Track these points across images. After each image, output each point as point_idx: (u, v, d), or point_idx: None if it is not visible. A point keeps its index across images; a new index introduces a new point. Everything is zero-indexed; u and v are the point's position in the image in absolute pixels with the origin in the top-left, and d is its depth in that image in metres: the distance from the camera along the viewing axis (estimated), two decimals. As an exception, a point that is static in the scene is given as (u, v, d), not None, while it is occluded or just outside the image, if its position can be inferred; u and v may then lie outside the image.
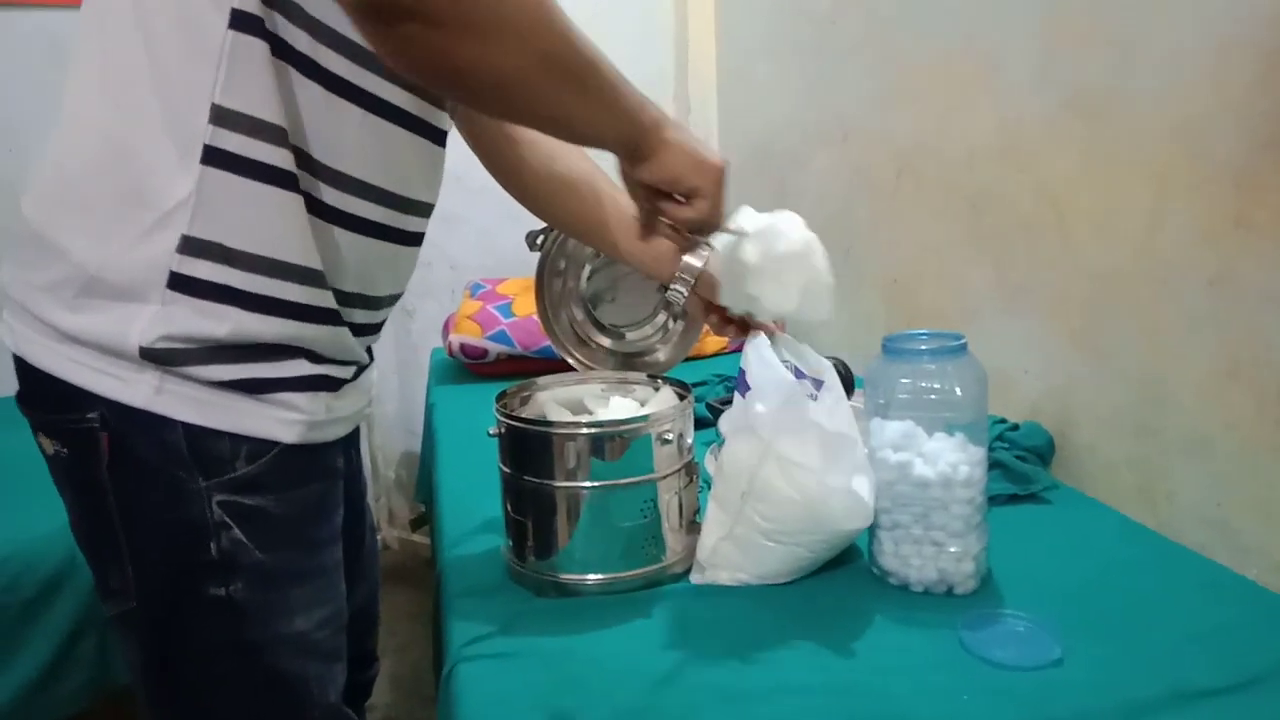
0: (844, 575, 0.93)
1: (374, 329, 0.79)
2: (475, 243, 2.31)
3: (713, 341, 1.92)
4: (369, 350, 0.83)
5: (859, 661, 0.78)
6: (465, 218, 2.28)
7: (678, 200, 0.79)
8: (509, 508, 0.96)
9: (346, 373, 0.74)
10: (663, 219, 0.82)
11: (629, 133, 0.72)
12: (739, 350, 2.01)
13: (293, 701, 0.73)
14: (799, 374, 0.92)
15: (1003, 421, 1.20)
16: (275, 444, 0.67)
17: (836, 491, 0.85)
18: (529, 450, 0.92)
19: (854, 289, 1.75)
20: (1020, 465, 1.12)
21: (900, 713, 0.71)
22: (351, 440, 0.85)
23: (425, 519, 2.26)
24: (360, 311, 0.75)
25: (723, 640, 0.83)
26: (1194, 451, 1.01)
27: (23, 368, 0.67)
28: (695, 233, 0.83)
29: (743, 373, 0.91)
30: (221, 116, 0.61)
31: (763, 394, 0.87)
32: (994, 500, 1.08)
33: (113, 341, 0.63)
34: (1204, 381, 0.99)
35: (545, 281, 1.14)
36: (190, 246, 0.62)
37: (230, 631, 0.69)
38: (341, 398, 0.74)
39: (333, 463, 0.75)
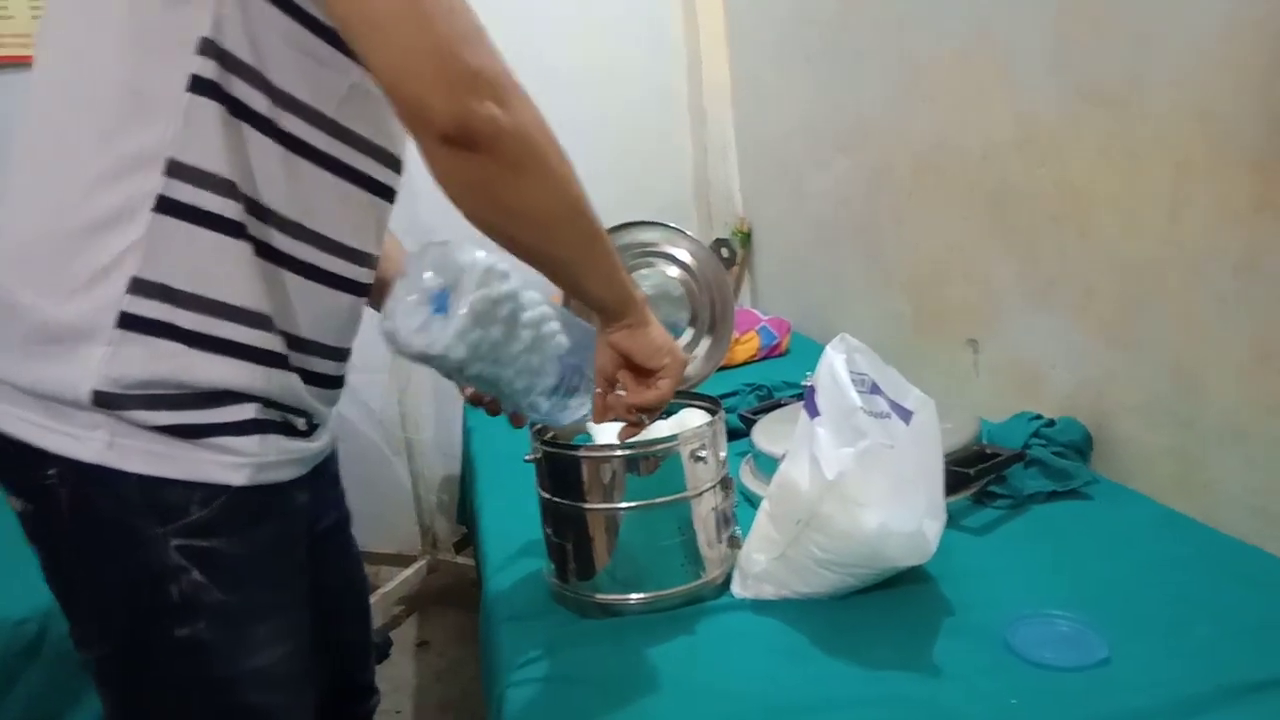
0: (886, 581, 0.93)
1: (333, 382, 0.81)
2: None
3: (741, 351, 1.92)
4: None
5: (906, 670, 0.78)
6: (492, 246, 2.30)
7: (642, 379, 0.84)
8: (549, 531, 0.97)
9: (299, 423, 0.76)
10: (622, 394, 0.85)
11: (622, 297, 0.80)
12: (768, 357, 2.02)
13: None
14: (875, 389, 0.89)
15: (1038, 418, 1.19)
16: (226, 487, 0.69)
17: (901, 536, 0.84)
18: (565, 474, 0.93)
19: (880, 289, 1.75)
20: (1058, 461, 1.11)
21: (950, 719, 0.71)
22: (321, 475, 0.85)
23: (468, 541, 2.29)
24: (318, 360, 0.77)
25: (769, 654, 0.84)
26: (1233, 439, 1.00)
27: None
28: (642, 411, 0.86)
29: (813, 392, 0.89)
30: (175, 170, 0.65)
31: (833, 423, 0.86)
32: (1034, 498, 1.08)
33: (66, 391, 0.65)
34: (1237, 368, 0.98)
35: (571, 305, 1.16)
36: (139, 287, 0.65)
37: (197, 671, 0.71)
38: (296, 439, 0.76)
39: (290, 502, 0.77)
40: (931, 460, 0.87)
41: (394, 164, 0.80)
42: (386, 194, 0.80)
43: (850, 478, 0.83)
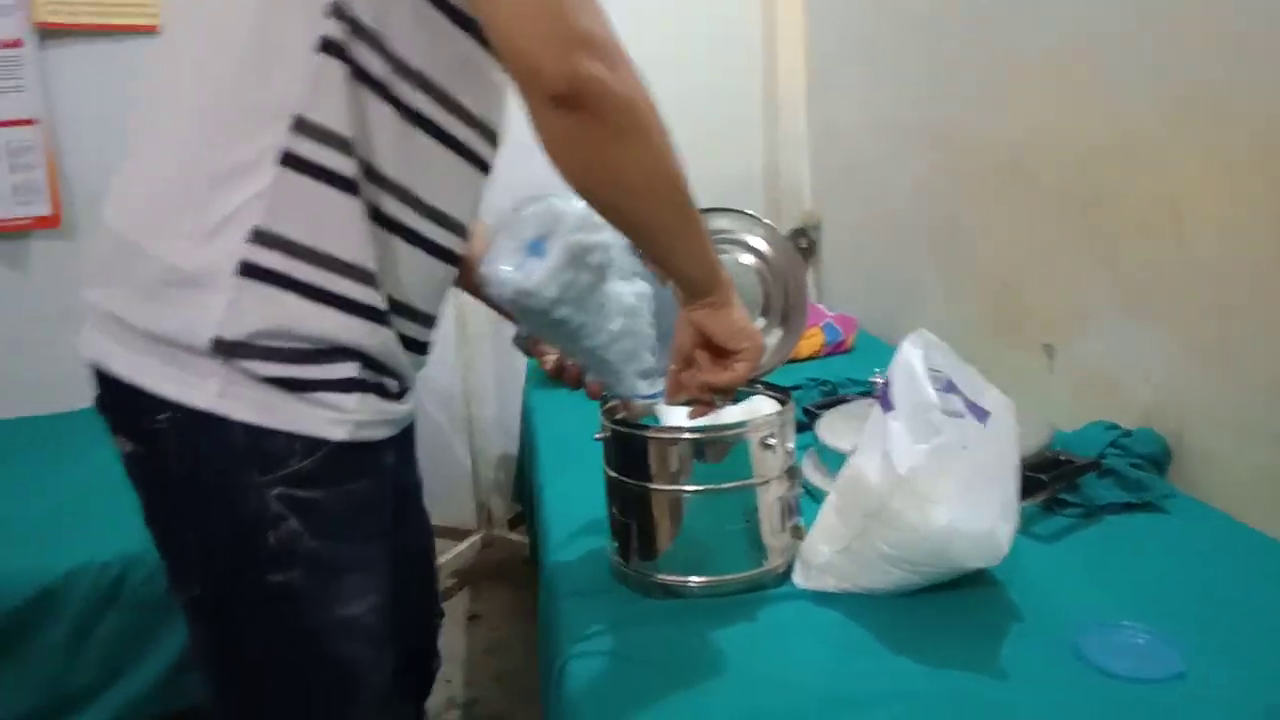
0: (951, 582, 0.91)
1: (421, 348, 0.84)
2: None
3: (806, 345, 1.91)
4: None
5: (971, 670, 0.77)
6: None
7: (719, 359, 0.85)
8: (614, 510, 0.98)
9: (392, 385, 0.79)
10: (697, 373, 0.86)
11: (708, 276, 0.81)
12: (833, 353, 2.00)
13: (346, 683, 0.78)
14: (951, 387, 0.88)
15: (1115, 427, 1.17)
16: (326, 441, 0.72)
17: (971, 536, 0.82)
18: (633, 455, 0.94)
19: (954, 290, 1.72)
20: (1134, 472, 1.08)
21: (1016, 723, 0.70)
22: (405, 440, 0.88)
23: (522, 519, 2.32)
24: (410, 324, 0.80)
25: (829, 645, 0.84)
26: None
27: (100, 376, 0.74)
28: (715, 391, 0.87)
29: (888, 386, 0.89)
30: (301, 126, 0.68)
31: (907, 418, 0.85)
32: (1107, 508, 1.06)
33: (186, 335, 0.69)
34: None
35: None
36: (259, 237, 0.68)
37: (288, 617, 0.74)
38: (388, 401, 0.79)
39: (382, 461, 0.80)
40: (1007, 462, 0.86)
41: (494, 140, 0.82)
42: (485, 168, 0.82)
43: (922, 474, 0.82)
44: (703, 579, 0.93)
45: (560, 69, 0.64)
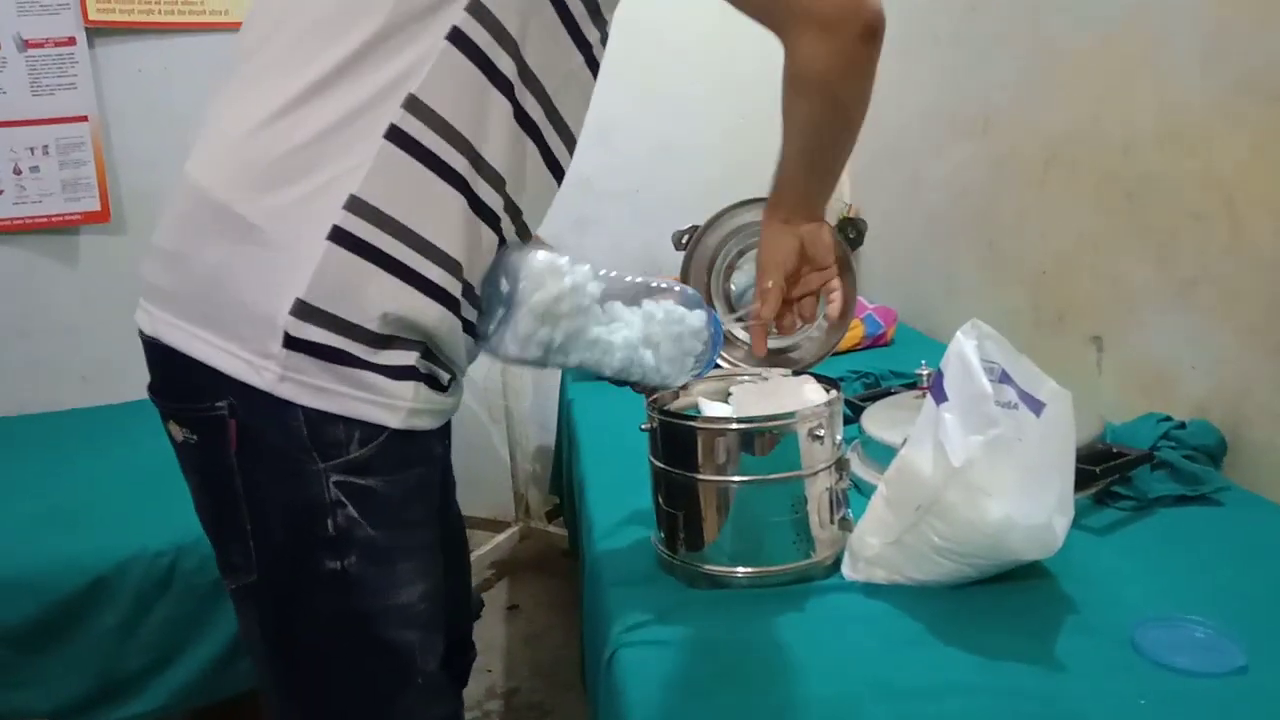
0: (1003, 575, 0.91)
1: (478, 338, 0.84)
2: (605, 245, 2.37)
3: (847, 338, 1.89)
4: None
5: (1025, 663, 0.77)
6: (596, 220, 2.35)
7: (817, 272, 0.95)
8: (661, 500, 0.98)
9: (443, 378, 0.80)
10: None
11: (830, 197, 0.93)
12: (873, 346, 1.98)
13: (398, 667, 0.79)
14: (1005, 378, 0.88)
15: (1168, 419, 1.15)
16: (383, 429, 0.73)
17: (1027, 528, 0.82)
18: (681, 445, 0.94)
19: (997, 282, 1.70)
20: (1188, 465, 1.06)
21: (1075, 715, 0.70)
22: (446, 434, 0.89)
23: (559, 511, 2.33)
24: (476, 312, 0.80)
25: (880, 636, 0.83)
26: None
27: (156, 357, 0.74)
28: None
29: (941, 376, 0.88)
30: (413, 106, 0.69)
31: (961, 410, 0.84)
32: (1160, 501, 1.04)
33: (261, 303, 0.68)
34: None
35: (689, 280, 1.17)
36: (354, 205, 0.69)
37: (343, 602, 0.75)
38: (438, 393, 0.79)
39: (432, 449, 0.81)
40: (1063, 454, 0.85)
41: (572, 152, 0.84)
42: (560, 180, 0.84)
43: (978, 466, 0.81)
44: (750, 570, 0.93)
45: (874, 6, 0.75)
